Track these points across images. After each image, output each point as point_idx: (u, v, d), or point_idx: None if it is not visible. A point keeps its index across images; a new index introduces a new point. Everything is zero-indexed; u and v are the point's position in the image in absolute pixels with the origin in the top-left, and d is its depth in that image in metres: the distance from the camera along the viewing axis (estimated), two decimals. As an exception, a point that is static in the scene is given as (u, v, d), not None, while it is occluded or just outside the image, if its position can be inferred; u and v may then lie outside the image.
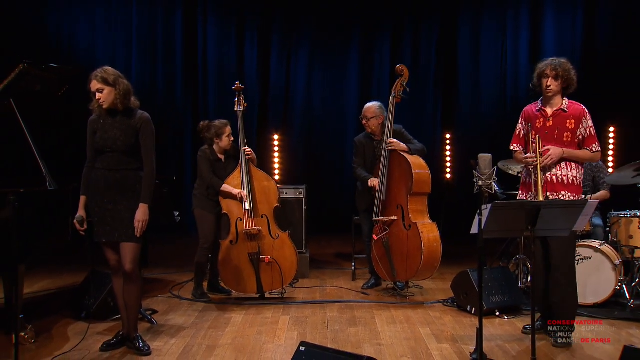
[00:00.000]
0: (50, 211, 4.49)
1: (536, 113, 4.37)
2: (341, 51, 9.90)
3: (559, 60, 4.26)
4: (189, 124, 9.66)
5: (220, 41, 9.82)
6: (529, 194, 4.33)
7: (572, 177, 4.27)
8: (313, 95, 9.97)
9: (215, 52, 9.83)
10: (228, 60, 9.79)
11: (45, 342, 4.41)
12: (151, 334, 4.59)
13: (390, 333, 4.62)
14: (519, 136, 4.48)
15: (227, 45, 9.82)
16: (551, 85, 4.24)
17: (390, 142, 5.61)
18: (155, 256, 7.10)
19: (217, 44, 9.83)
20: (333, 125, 9.92)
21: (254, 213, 5.44)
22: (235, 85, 5.71)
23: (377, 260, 5.68)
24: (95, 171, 4.08)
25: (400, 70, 5.75)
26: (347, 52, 9.92)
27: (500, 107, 9.61)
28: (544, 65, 4.27)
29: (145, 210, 4.03)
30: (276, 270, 5.42)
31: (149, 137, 4.08)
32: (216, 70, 9.77)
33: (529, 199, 4.29)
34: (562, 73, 4.22)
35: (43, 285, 6.23)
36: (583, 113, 4.30)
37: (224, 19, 9.82)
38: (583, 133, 4.30)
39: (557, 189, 4.24)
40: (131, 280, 4.09)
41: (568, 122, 4.28)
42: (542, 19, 9.47)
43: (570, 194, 4.25)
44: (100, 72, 4.00)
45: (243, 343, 4.39)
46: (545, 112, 4.33)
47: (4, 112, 4.56)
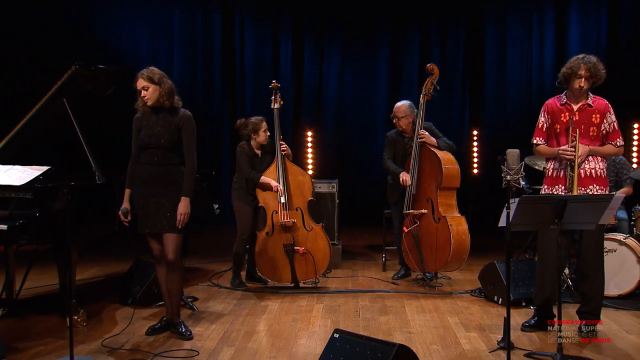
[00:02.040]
0: (98, 203, 4.57)
1: (560, 107, 4.25)
2: (371, 51, 9.85)
3: (591, 59, 4.10)
4: (226, 122, 9.72)
5: (256, 42, 9.86)
6: (555, 187, 4.23)
7: (599, 169, 4.18)
8: (345, 93, 9.96)
9: (252, 53, 9.86)
10: (263, 61, 9.83)
11: (96, 325, 4.52)
12: (192, 319, 4.65)
13: (420, 322, 4.61)
14: (542, 129, 4.35)
15: (263, 46, 9.84)
16: (584, 85, 4.10)
17: (422, 134, 5.59)
18: (196, 246, 7.21)
19: (253, 45, 9.86)
20: (364, 122, 9.90)
21: (288, 206, 5.47)
22: (272, 84, 5.73)
23: (407, 252, 5.67)
24: (140, 166, 4.15)
25: (430, 69, 5.71)
26: (377, 52, 9.86)
27: (525, 105, 9.47)
28: (576, 65, 4.09)
29: (187, 203, 4.08)
30: (310, 260, 5.44)
31: (191, 134, 4.13)
32: (252, 70, 9.81)
33: (554, 193, 4.22)
34: (595, 72, 4.10)
35: (92, 272, 6.36)
36: (607, 108, 4.21)
37: (259, 21, 9.85)
38: (607, 128, 4.21)
39: (585, 183, 4.14)
40: (173, 269, 4.16)
41: (594, 117, 4.18)
42: (566, 19, 9.31)
43: (598, 187, 4.15)
44: (146, 71, 4.06)
45: (279, 329, 4.42)
46: (570, 106, 4.22)
47: (58, 111, 4.65)
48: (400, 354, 2.95)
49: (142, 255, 5.25)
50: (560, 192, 4.17)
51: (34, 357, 3.88)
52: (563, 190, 4.17)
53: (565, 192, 4.14)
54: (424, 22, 9.79)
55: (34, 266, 5.09)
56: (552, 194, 4.21)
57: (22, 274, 4.96)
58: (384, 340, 3.17)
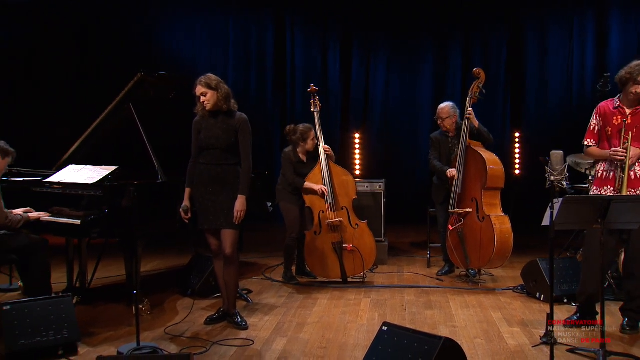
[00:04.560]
0: (161, 200, 4.66)
1: (613, 110, 4.09)
2: (416, 56, 9.76)
3: None
4: (277, 124, 9.78)
5: (306, 49, 9.89)
6: (604, 188, 4.09)
7: None
8: (390, 97, 9.89)
9: (302, 60, 9.89)
10: (313, 67, 9.84)
11: (159, 314, 4.62)
12: (247, 311, 4.70)
13: (464, 316, 4.56)
14: (593, 132, 4.19)
15: (312, 53, 9.87)
16: None
17: (469, 112, 5.51)
18: (250, 242, 7.28)
19: (303, 52, 9.89)
20: (408, 125, 9.81)
21: (335, 206, 5.47)
22: (310, 88, 5.73)
23: (452, 249, 5.60)
24: (199, 166, 4.20)
25: (477, 73, 5.64)
26: (421, 57, 9.76)
27: (565, 108, 9.27)
28: (637, 71, 3.92)
29: (243, 201, 4.12)
30: (357, 256, 5.44)
31: (247, 136, 4.16)
32: (302, 75, 9.84)
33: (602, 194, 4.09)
34: None
35: (154, 265, 6.51)
36: None
37: (309, 30, 9.88)
38: None
39: (635, 185, 3.99)
40: (230, 263, 4.20)
41: None
42: (607, 23, 9.05)
43: None
44: (204, 78, 4.12)
45: (329, 322, 4.43)
46: (623, 109, 4.05)
47: (124, 115, 4.78)
48: (446, 347, 2.92)
49: (200, 250, 5.34)
50: (609, 193, 4.04)
51: (104, 341, 3.99)
52: (612, 191, 4.03)
53: (615, 193, 4.00)
54: (467, 28, 9.64)
55: (104, 258, 5.24)
56: (600, 194, 4.09)
57: (93, 265, 5.13)
58: (430, 333, 3.15)
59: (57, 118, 8.66)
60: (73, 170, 4.87)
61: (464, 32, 9.65)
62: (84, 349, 3.84)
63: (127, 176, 4.63)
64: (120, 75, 5.01)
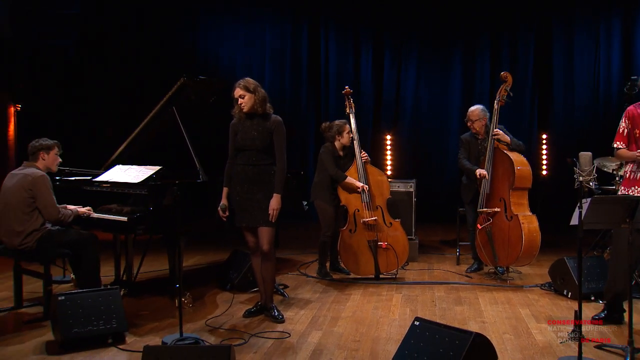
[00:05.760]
0: (201, 199, 4.73)
1: None
2: (445, 60, 9.70)
3: None
4: (312, 126, 9.82)
5: (340, 54, 9.90)
6: (632, 189, 4.03)
7: None
8: (420, 99, 9.85)
9: (335, 64, 9.91)
10: (346, 70, 9.85)
11: (200, 307, 4.70)
12: (284, 305, 4.74)
13: (493, 312, 4.53)
14: (623, 134, 4.13)
15: (346, 57, 9.88)
16: None
17: (496, 132, 5.49)
18: (286, 239, 7.33)
19: (337, 56, 9.91)
20: (438, 127, 9.76)
21: (370, 205, 5.49)
22: (345, 90, 5.73)
23: (481, 247, 5.57)
24: (236, 166, 4.24)
25: (504, 77, 5.60)
26: (450, 60, 9.70)
27: (592, 111, 9.16)
28: None
29: (279, 199, 4.15)
30: (391, 253, 5.44)
31: (282, 137, 4.19)
32: (336, 79, 9.85)
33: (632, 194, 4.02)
34: None
35: (195, 260, 6.60)
36: None
37: (343, 34, 9.89)
38: None
39: None
40: (267, 259, 4.24)
41: None
42: (633, 30, 8.89)
43: None
44: (242, 81, 4.16)
45: (362, 316, 4.46)
46: None
47: (168, 117, 4.88)
48: (476, 342, 2.92)
49: (238, 247, 5.42)
50: (636, 194, 3.98)
51: (149, 332, 4.09)
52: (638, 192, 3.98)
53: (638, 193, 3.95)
54: (495, 33, 9.56)
55: (148, 253, 5.35)
56: (628, 194, 4.02)
57: (139, 260, 5.24)
58: (460, 328, 3.15)
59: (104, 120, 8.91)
60: (120, 170, 5.00)
61: (492, 36, 9.57)
62: (131, 338, 3.94)
63: (170, 176, 4.73)
64: (165, 80, 5.12)
